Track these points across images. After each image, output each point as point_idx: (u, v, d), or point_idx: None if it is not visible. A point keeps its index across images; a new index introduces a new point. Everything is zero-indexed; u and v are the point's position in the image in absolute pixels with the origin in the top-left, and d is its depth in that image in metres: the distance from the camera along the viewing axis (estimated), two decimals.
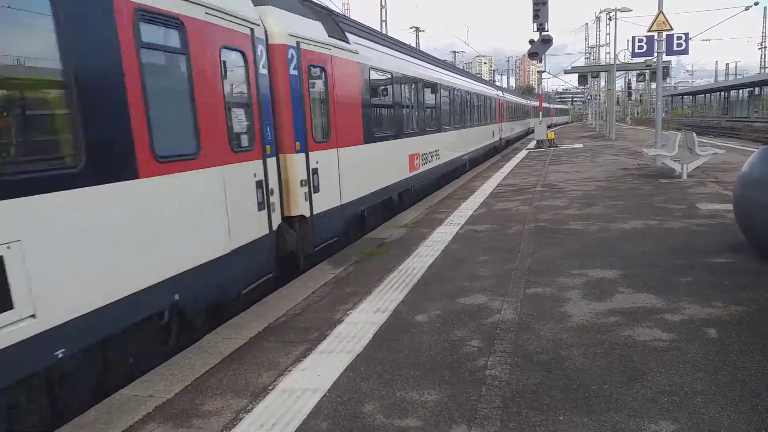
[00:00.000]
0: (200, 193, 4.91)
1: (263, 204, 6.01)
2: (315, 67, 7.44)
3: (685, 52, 17.73)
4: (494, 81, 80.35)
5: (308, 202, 7.05)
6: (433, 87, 14.28)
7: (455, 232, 8.72)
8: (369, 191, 9.31)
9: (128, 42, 4.09)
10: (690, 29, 25.99)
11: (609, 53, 43.93)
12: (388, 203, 10.69)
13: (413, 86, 12.37)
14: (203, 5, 4.99)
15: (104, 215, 3.84)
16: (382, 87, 10.51)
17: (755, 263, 6.06)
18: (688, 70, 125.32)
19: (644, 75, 42.47)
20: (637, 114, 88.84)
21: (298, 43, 6.97)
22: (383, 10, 32.79)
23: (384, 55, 10.77)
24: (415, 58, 13.98)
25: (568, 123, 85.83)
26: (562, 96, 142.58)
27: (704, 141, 21.07)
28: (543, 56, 20.85)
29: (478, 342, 4.43)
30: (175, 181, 4.56)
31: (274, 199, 6.29)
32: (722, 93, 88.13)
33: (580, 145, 28.77)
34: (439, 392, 3.66)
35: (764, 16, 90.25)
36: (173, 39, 4.68)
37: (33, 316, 3.33)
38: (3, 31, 3.41)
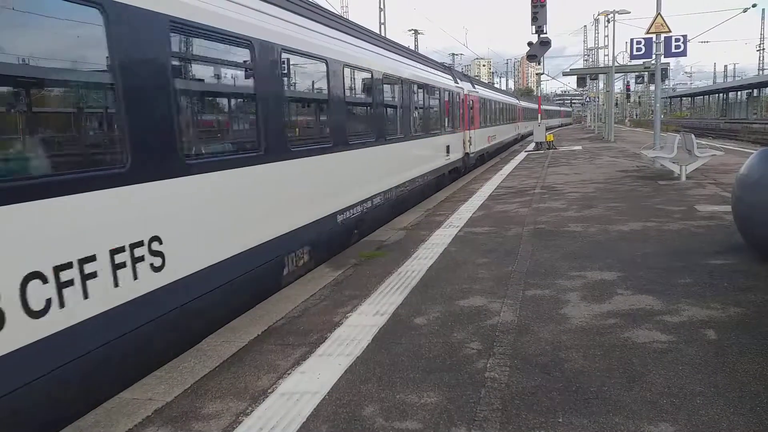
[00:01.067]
0: (459, 139, 17.80)
1: (465, 146, 18.36)
2: (470, 99, 19.63)
3: (684, 53, 17.82)
4: (493, 83, 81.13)
5: (469, 149, 18.96)
6: (495, 102, 28.47)
7: (454, 234, 8.73)
8: (478, 149, 21.30)
9: (456, 100, 17.64)
10: (688, 31, 26.17)
11: (607, 55, 44.01)
12: (482, 157, 22.82)
13: (488, 103, 25.59)
14: (462, 88, 18.59)
15: (449, 140, 16.32)
16: (482, 105, 22.76)
17: (754, 265, 6.07)
18: (686, 72, 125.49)
19: (643, 77, 42.56)
20: (636, 116, 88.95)
21: (468, 93, 19.48)
22: (382, 12, 32.87)
23: (484, 91, 25.63)
24: (491, 89, 32.38)
25: (570, 124, 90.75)
26: (562, 98, 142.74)
27: (703, 142, 21.09)
28: (542, 58, 23.90)
29: (477, 344, 4.43)
30: (457, 134, 17.44)
31: (464, 145, 18.44)
32: (721, 95, 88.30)
33: (579, 147, 28.80)
34: (438, 394, 3.66)
35: (762, 18, 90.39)
36: (456, 96, 17.67)
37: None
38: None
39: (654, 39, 17.26)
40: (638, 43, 18.40)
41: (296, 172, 6.71)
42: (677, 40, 17.44)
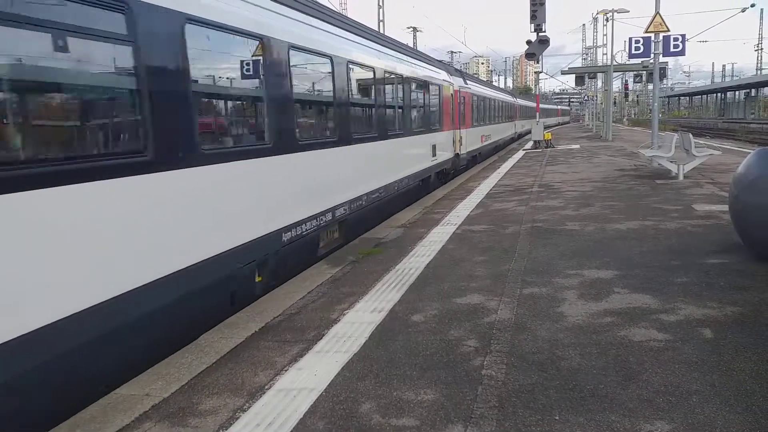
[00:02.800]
0: (514, 124, 39.67)
1: (515, 128, 40.07)
2: (517, 105, 41.86)
3: (682, 53, 17.81)
4: (491, 81, 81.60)
5: (515, 130, 40.53)
6: (524, 106, 46.91)
7: (452, 232, 8.73)
8: (519, 131, 42.97)
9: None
10: (687, 30, 26.35)
11: (606, 54, 43.98)
12: (520, 136, 43.89)
13: (522, 107, 44.83)
14: (515, 100, 42.44)
15: (513, 124, 38.71)
16: (520, 108, 43.94)
17: (750, 264, 6.08)
18: (685, 72, 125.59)
19: (641, 76, 42.57)
20: (634, 115, 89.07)
21: (515, 101, 42.06)
22: (380, 9, 32.83)
23: (522, 100, 48.54)
24: (523, 98, 53.12)
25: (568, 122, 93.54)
26: (560, 96, 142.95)
27: (700, 142, 21.13)
28: (540, 57, 23.97)
29: (474, 342, 4.44)
30: (513, 122, 38.75)
31: (515, 128, 40.51)
32: (719, 94, 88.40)
33: (577, 146, 28.82)
34: (435, 392, 3.67)
35: (761, 18, 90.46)
36: (514, 104, 40.89)
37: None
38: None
39: (652, 38, 17.26)
40: (637, 42, 18.38)
41: (495, 129, 27.29)
42: (676, 39, 17.45)
